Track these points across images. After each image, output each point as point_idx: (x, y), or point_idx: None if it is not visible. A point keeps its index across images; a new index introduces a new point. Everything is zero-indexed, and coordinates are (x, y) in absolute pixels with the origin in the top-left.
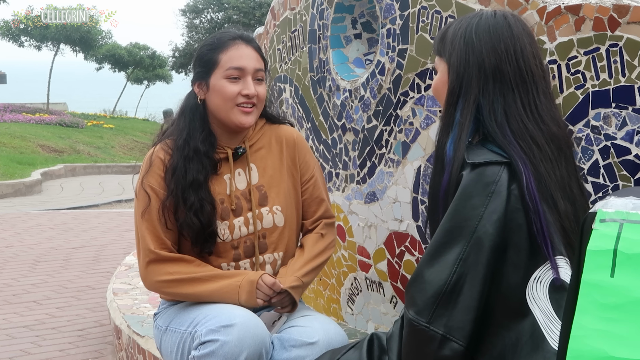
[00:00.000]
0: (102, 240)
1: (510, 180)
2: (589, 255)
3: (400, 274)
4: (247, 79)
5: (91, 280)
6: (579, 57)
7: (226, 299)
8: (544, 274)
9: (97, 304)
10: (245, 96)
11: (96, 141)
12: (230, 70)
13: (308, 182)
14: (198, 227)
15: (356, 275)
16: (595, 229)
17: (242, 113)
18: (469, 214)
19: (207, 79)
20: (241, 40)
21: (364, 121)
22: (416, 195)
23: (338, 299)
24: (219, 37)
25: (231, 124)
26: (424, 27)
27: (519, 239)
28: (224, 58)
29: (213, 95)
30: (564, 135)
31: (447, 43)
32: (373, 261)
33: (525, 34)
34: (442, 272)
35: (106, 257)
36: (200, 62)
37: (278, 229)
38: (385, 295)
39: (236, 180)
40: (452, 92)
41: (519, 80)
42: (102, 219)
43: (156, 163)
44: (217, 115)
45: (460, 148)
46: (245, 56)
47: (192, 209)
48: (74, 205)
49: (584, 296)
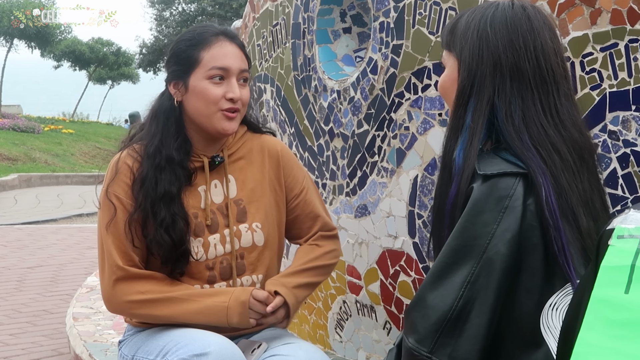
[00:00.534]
0: (60, 259)
1: (527, 194)
2: (603, 271)
3: (394, 296)
4: (232, 80)
5: (48, 304)
6: (595, 53)
7: (211, 321)
8: (561, 300)
9: (55, 330)
10: (230, 100)
11: (54, 148)
12: (213, 70)
13: (298, 197)
14: (169, 244)
15: (345, 298)
16: (611, 245)
17: (226, 119)
18: (478, 232)
19: (186, 79)
20: (224, 37)
21: (354, 126)
22: (412, 208)
23: (325, 325)
24: (200, 33)
25: (212, 130)
26: (421, 20)
27: (534, 261)
28: (206, 56)
29: (192, 98)
30: (587, 143)
31: (457, 36)
32: (364, 282)
33: (547, 27)
34: (447, 296)
35: (65, 277)
36: (178, 60)
37: (257, 248)
38: (378, 320)
39: (212, 193)
40: (463, 91)
41: (539, 79)
42: (60, 235)
43: (123, 170)
44: (196, 119)
45: (471, 155)
46: (230, 55)
47: (163, 224)
48: (29, 219)
49: (592, 312)
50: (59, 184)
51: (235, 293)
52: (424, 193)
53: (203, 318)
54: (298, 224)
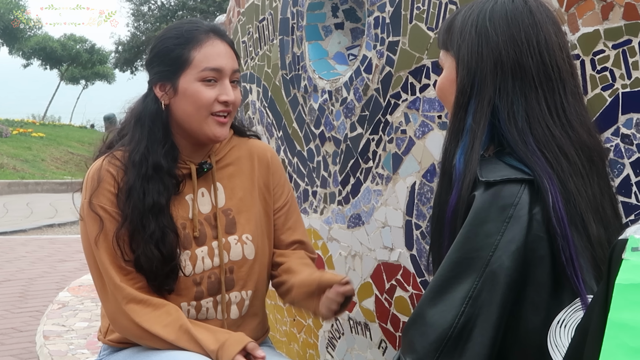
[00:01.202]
0: (30, 272)
1: (532, 202)
2: (618, 290)
3: (390, 313)
4: (225, 81)
5: (17, 321)
6: (607, 51)
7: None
8: (570, 316)
9: (25, 350)
10: (223, 103)
11: (23, 153)
12: (206, 72)
13: (280, 210)
14: (159, 259)
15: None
16: (625, 259)
17: (217, 124)
18: (481, 243)
19: (175, 81)
20: (215, 35)
21: (346, 129)
22: (410, 218)
23: (316, 344)
24: (188, 30)
25: (202, 136)
26: (419, 15)
27: (541, 274)
28: (198, 56)
29: (183, 101)
30: (596, 144)
31: (455, 33)
32: (358, 298)
33: (550, 21)
34: (447, 312)
35: (35, 293)
36: (165, 59)
37: (248, 262)
38: (373, 339)
39: (199, 202)
40: (463, 92)
41: (543, 77)
42: (30, 247)
43: (106, 179)
44: (186, 124)
45: (473, 161)
46: (223, 54)
47: (153, 238)
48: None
49: (610, 338)
50: (28, 192)
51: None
52: (422, 202)
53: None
54: (275, 238)
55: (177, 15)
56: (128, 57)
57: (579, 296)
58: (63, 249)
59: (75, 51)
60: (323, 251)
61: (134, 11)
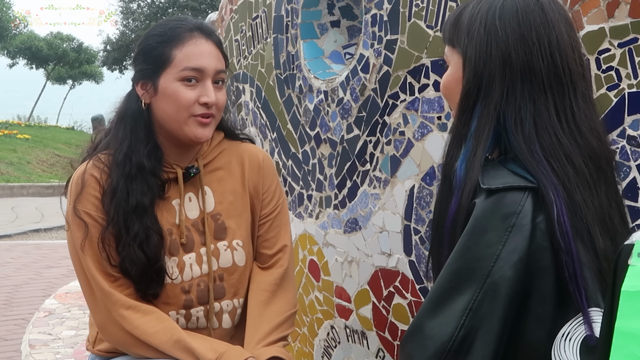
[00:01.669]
0: (15, 279)
1: (536, 210)
2: (625, 297)
3: (388, 321)
4: (207, 82)
5: (2, 330)
6: (612, 50)
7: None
8: (575, 329)
9: (10, 359)
10: (204, 105)
11: (8, 155)
12: (186, 71)
13: (266, 218)
14: (144, 262)
15: (333, 323)
16: (632, 265)
17: (199, 125)
18: (482, 253)
19: (155, 79)
20: (200, 33)
21: (343, 130)
22: (408, 223)
23: (311, 353)
24: (172, 28)
25: (184, 137)
26: (418, 12)
27: (545, 285)
28: (179, 55)
29: (162, 101)
30: (605, 151)
31: (461, 30)
32: (354, 305)
33: (563, 19)
34: (447, 325)
35: (20, 300)
36: (147, 57)
37: (239, 269)
38: (370, 348)
39: (186, 207)
40: (468, 94)
41: (554, 80)
42: (15, 253)
43: (90, 183)
44: (166, 125)
45: (475, 167)
46: (206, 54)
47: (137, 239)
48: None
49: (618, 349)
50: (13, 196)
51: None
52: (422, 206)
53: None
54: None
55: (167, 12)
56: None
57: (577, 312)
58: (49, 255)
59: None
60: (319, 257)
61: (122, 9)
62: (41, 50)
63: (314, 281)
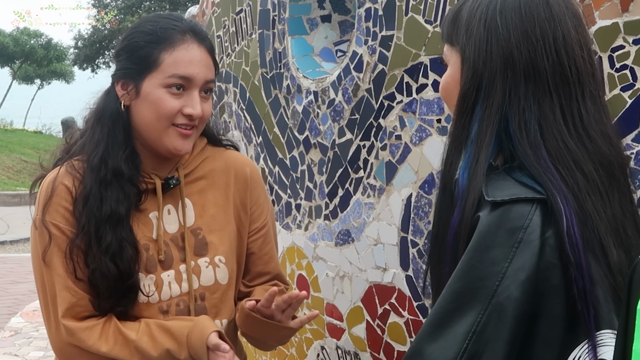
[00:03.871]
0: None
1: (545, 224)
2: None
3: (383, 341)
4: (194, 92)
5: None
6: (627, 47)
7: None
8: (586, 354)
9: None
10: (188, 116)
11: None
12: (173, 79)
13: (258, 233)
14: (115, 275)
15: (324, 344)
16: None
17: (179, 136)
18: (486, 271)
19: (139, 82)
20: (193, 37)
21: (334, 134)
22: (405, 234)
23: None
24: (164, 27)
25: (162, 148)
26: (416, 6)
27: (554, 306)
28: (168, 59)
29: (143, 106)
30: (618, 156)
31: (460, 27)
32: (347, 324)
33: (570, 13)
34: (448, 349)
35: None
36: (131, 56)
37: (221, 287)
38: None
39: (165, 221)
40: (467, 95)
41: (560, 80)
42: None
43: (60, 192)
44: (144, 132)
45: (478, 175)
46: (197, 61)
47: (109, 251)
48: None
49: None
50: None
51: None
52: (419, 216)
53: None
54: (248, 265)
55: (143, 5)
56: (89, 53)
57: (588, 335)
58: (15, 269)
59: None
60: (308, 272)
61: (95, 2)
62: (6, 47)
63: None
